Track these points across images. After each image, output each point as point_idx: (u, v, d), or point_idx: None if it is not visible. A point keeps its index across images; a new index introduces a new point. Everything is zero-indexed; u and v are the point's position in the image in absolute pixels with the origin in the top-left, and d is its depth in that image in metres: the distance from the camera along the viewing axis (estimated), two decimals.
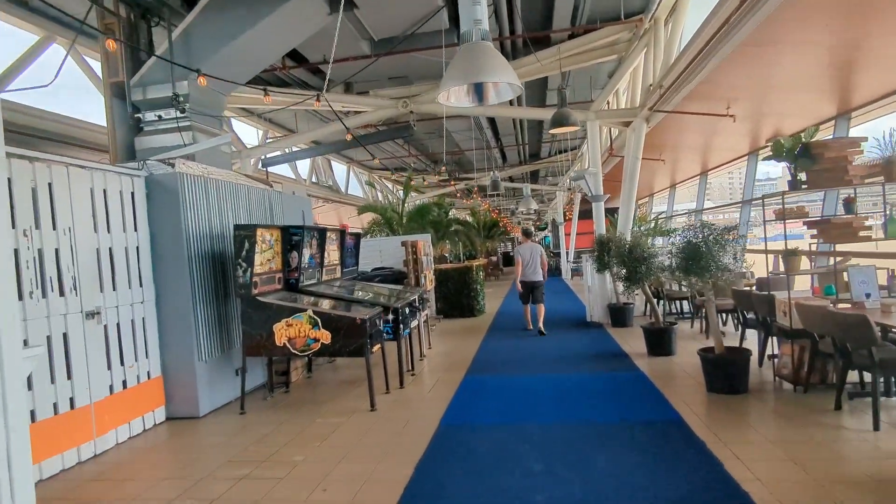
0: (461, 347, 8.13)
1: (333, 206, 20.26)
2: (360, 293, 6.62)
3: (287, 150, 11.81)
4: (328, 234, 6.84)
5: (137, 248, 5.13)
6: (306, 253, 6.20)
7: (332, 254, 7.12)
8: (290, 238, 6.01)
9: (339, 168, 19.86)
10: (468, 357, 7.39)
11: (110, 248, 4.80)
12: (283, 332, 5.29)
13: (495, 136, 16.17)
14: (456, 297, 11.60)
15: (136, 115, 6.53)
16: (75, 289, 4.36)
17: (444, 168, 16.52)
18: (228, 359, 5.82)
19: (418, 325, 7.27)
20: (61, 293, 4.25)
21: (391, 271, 10.02)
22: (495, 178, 12.76)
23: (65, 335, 4.24)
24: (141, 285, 5.12)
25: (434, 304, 11.40)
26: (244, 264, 5.26)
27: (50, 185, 4.23)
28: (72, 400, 4.26)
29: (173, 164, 5.32)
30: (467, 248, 25.90)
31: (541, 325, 8.72)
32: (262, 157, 11.78)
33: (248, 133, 11.69)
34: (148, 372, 5.12)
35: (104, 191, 4.79)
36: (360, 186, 21.63)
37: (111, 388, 4.67)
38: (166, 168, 5.31)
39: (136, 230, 5.12)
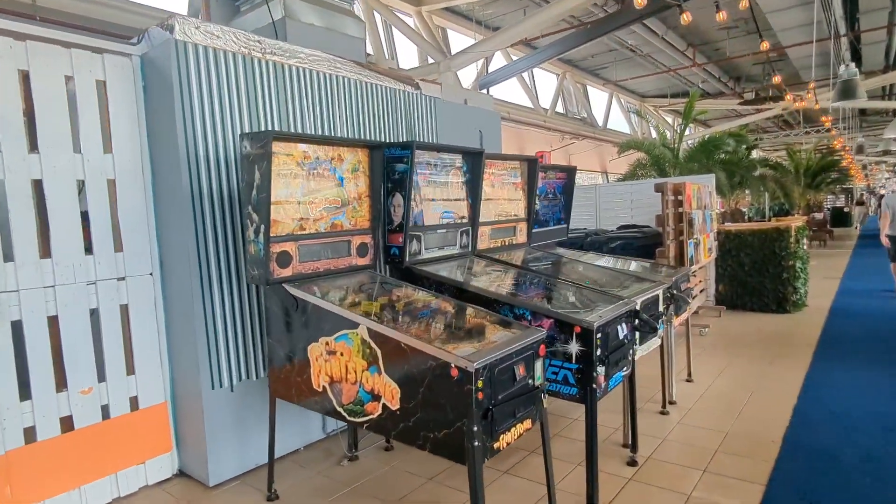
0: (758, 393, 4.11)
1: (593, 144, 16.62)
2: (541, 283, 3.34)
3: (498, 64, 8.74)
4: (490, 164, 3.69)
5: (113, 182, 2.92)
6: (424, 197, 3.23)
7: (505, 204, 3.95)
8: (392, 168, 3.09)
9: (598, 96, 15.94)
10: (775, 429, 3.43)
11: (38, 182, 2.67)
12: (321, 363, 2.49)
13: (850, 18, 10.01)
14: (753, 277, 7.08)
15: None
16: None
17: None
18: None
19: (664, 342, 3.65)
20: None
21: (642, 233, 6.28)
22: (850, 74, 7.13)
23: None
24: (121, 249, 2.94)
25: (713, 287, 7.18)
26: (255, 216, 2.58)
27: None
28: None
29: (172, 26, 2.88)
30: (777, 199, 18.98)
31: None
32: (483, 70, 9.00)
33: (464, 43, 9.05)
34: (134, 398, 2.98)
35: (25, 74, 2.63)
36: (626, 120, 17.30)
37: (32, 432, 2.63)
38: (165, 35, 2.91)
39: (109, 150, 2.91)
